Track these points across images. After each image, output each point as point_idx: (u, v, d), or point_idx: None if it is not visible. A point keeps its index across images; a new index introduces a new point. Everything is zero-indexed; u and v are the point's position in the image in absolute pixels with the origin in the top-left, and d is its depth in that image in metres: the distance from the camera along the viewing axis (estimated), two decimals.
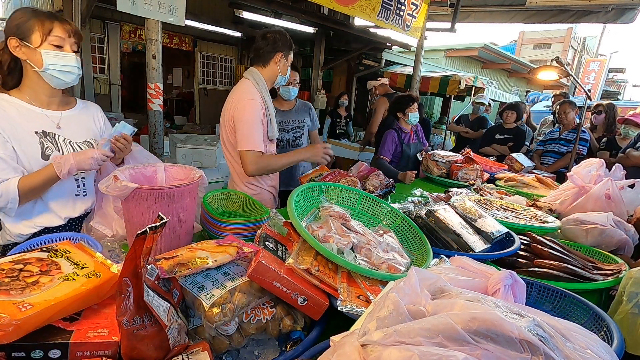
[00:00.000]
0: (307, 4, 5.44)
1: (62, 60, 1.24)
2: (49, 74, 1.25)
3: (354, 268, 0.97)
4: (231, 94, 1.92)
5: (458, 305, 0.54)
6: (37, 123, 1.30)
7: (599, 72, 15.66)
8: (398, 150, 3.08)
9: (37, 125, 1.30)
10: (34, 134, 1.28)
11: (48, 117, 1.33)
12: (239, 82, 1.95)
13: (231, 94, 1.91)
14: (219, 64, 8.24)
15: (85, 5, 3.72)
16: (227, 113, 1.88)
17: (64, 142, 1.35)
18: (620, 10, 4.20)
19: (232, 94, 1.91)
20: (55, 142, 1.32)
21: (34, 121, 1.29)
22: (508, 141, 4.30)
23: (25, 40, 1.20)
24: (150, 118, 2.78)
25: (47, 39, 1.21)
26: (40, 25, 1.20)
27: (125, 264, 0.66)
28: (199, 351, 0.74)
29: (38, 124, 1.30)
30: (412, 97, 3.13)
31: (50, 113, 1.34)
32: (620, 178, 2.07)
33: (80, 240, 1.18)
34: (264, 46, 1.88)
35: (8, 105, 1.26)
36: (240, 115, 1.80)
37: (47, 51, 1.22)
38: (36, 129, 1.29)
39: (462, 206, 1.57)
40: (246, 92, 1.85)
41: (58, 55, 1.23)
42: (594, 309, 0.94)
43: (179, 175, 1.38)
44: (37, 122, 1.30)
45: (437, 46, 11.53)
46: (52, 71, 1.24)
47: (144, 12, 2.44)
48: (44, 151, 1.29)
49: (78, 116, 1.43)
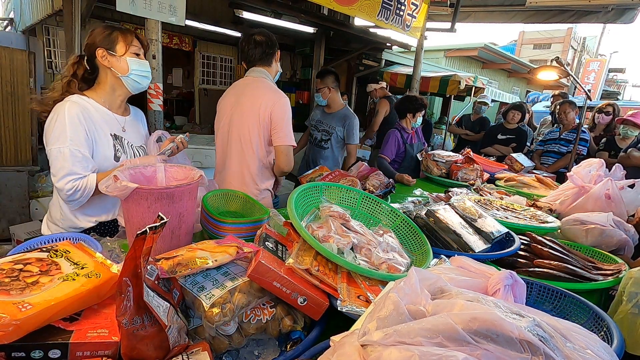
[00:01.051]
0: (307, 4, 5.44)
1: (142, 67, 1.42)
2: (132, 78, 1.40)
3: (354, 268, 0.97)
4: (256, 91, 1.91)
5: (458, 306, 0.54)
6: (111, 126, 1.42)
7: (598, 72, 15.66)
8: (401, 150, 3.09)
9: (111, 127, 1.42)
10: (109, 136, 1.40)
11: (117, 121, 1.46)
12: (252, 79, 1.96)
13: (257, 92, 1.91)
14: (219, 64, 8.24)
15: (85, 5, 3.71)
16: (261, 110, 1.88)
17: (128, 145, 1.47)
18: (620, 10, 4.20)
19: (257, 91, 1.91)
20: (122, 145, 1.45)
21: (109, 124, 1.42)
22: (510, 142, 4.28)
23: (112, 50, 1.36)
24: (150, 118, 2.77)
25: (129, 49, 1.38)
26: (124, 37, 1.38)
27: (125, 264, 0.66)
28: (199, 351, 0.74)
29: (112, 126, 1.42)
30: (424, 104, 3.18)
31: (118, 117, 1.47)
32: (620, 178, 2.07)
33: (80, 240, 1.18)
34: (266, 47, 1.93)
35: (90, 106, 1.38)
36: (282, 113, 1.88)
37: (131, 59, 1.38)
38: (111, 131, 1.42)
39: (462, 206, 1.57)
40: (278, 91, 1.93)
41: (138, 62, 1.41)
42: (594, 309, 0.94)
43: (179, 175, 1.38)
44: (111, 125, 1.42)
45: (437, 46, 11.54)
46: (135, 76, 1.40)
47: (144, 12, 2.44)
48: (116, 153, 1.41)
49: (134, 121, 1.56)
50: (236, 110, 1.96)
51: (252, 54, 1.95)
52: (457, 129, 5.61)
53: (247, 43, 1.95)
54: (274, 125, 1.89)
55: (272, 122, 1.89)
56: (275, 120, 1.88)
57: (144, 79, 1.45)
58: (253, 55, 1.95)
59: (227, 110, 2.01)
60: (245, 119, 1.92)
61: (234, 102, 1.98)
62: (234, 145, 1.98)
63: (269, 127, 1.90)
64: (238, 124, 1.95)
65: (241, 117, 1.93)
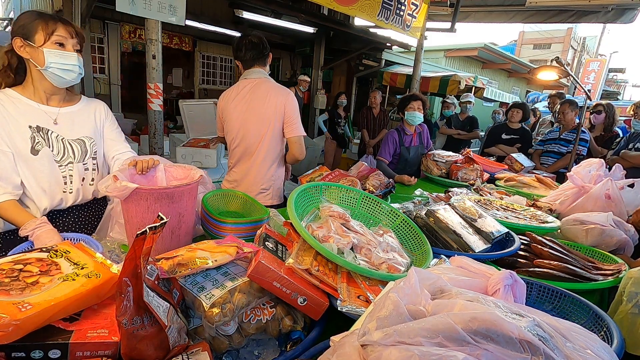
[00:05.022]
0: (307, 4, 5.44)
1: (63, 59, 1.27)
2: (51, 71, 1.27)
3: (354, 268, 0.97)
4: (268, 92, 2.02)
5: (458, 306, 0.54)
6: (33, 118, 1.32)
7: (598, 72, 15.66)
8: (397, 152, 3.05)
9: (32, 119, 1.31)
10: (27, 128, 1.30)
11: (45, 113, 1.35)
12: (259, 80, 2.05)
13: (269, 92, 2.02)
14: (218, 64, 8.25)
15: (85, 5, 3.72)
16: (277, 107, 2.02)
17: (57, 139, 1.36)
18: (620, 10, 4.20)
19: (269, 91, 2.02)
20: (46, 138, 1.33)
21: (30, 115, 1.31)
22: (514, 142, 4.25)
23: (29, 39, 1.24)
24: (150, 118, 2.78)
25: (50, 39, 1.24)
26: (44, 25, 1.24)
27: (125, 264, 0.66)
28: (199, 351, 0.74)
29: (34, 118, 1.32)
30: (411, 96, 3.05)
31: (49, 109, 1.36)
32: (620, 178, 2.07)
33: (80, 240, 1.18)
34: (262, 49, 2.04)
35: (7, 99, 1.29)
36: (294, 107, 2.06)
37: (49, 50, 1.24)
38: (30, 123, 1.31)
39: (462, 206, 1.57)
40: (284, 87, 2.11)
41: (60, 54, 1.26)
42: (594, 309, 0.94)
43: (179, 175, 1.38)
44: (33, 117, 1.32)
45: (437, 46, 11.54)
46: (53, 69, 1.26)
47: (144, 12, 2.44)
48: (34, 146, 1.31)
49: (77, 113, 1.44)
50: (251, 114, 2.04)
51: (249, 55, 2.03)
52: (448, 130, 5.57)
53: (244, 44, 2.02)
54: (287, 118, 2.04)
55: (286, 115, 2.04)
56: (288, 114, 2.04)
57: (67, 72, 1.29)
58: (251, 56, 2.03)
59: (239, 115, 2.06)
60: (264, 119, 2.03)
61: (245, 108, 2.05)
62: (255, 145, 2.08)
63: (283, 121, 2.06)
64: (256, 123, 2.05)
65: (259, 119, 2.03)
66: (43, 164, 1.32)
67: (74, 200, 1.44)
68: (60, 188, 1.39)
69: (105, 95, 6.46)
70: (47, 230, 1.19)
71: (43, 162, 1.32)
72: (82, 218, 1.50)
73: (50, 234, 1.19)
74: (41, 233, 1.17)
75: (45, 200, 1.37)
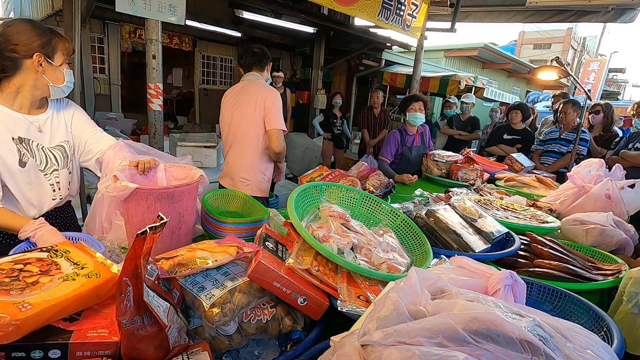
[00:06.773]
0: (307, 4, 5.44)
1: (72, 78, 1.34)
2: (61, 89, 1.32)
3: (354, 268, 0.97)
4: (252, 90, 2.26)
5: (458, 306, 0.54)
6: (15, 129, 1.28)
7: (599, 72, 15.63)
8: (399, 152, 3.06)
9: (15, 131, 1.28)
10: (10, 140, 1.26)
11: (30, 123, 1.32)
12: (249, 81, 2.31)
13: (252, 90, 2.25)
14: (219, 64, 8.24)
15: (85, 5, 3.72)
16: (257, 102, 2.21)
17: (37, 148, 1.33)
18: (620, 10, 4.20)
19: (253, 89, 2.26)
20: (29, 149, 1.31)
21: (13, 126, 1.28)
22: (516, 142, 4.26)
23: (50, 58, 1.26)
24: (150, 118, 2.77)
25: (66, 59, 1.30)
26: (63, 46, 1.29)
27: (125, 264, 0.66)
28: (199, 351, 0.74)
29: (16, 129, 1.28)
30: (412, 97, 3.04)
31: (32, 118, 1.33)
32: (620, 178, 2.07)
33: (81, 240, 1.18)
34: (262, 57, 2.32)
35: None
36: (273, 101, 2.22)
37: (67, 70, 1.31)
38: (13, 135, 1.27)
39: (462, 206, 1.57)
40: (270, 87, 2.30)
41: (70, 73, 1.33)
42: (594, 309, 0.94)
43: (179, 175, 1.39)
44: (16, 128, 1.28)
45: (437, 46, 11.53)
46: (65, 87, 1.33)
47: (144, 12, 2.44)
48: (21, 158, 1.28)
49: (53, 118, 1.41)
50: (237, 108, 2.29)
51: (249, 61, 2.32)
52: (450, 130, 5.56)
53: (246, 52, 2.34)
54: (267, 112, 2.21)
55: (265, 110, 2.21)
56: (267, 108, 2.21)
57: (69, 89, 1.35)
58: (251, 62, 2.32)
59: (229, 110, 2.34)
60: (246, 113, 2.25)
61: (234, 103, 2.31)
62: (238, 137, 2.30)
63: (264, 115, 2.22)
64: (238, 117, 2.28)
65: (242, 113, 2.26)
66: (30, 175, 1.31)
67: (57, 203, 1.44)
68: (49, 196, 1.39)
69: (105, 95, 6.46)
70: (49, 230, 1.19)
71: (30, 174, 1.31)
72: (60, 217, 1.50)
73: (53, 234, 1.18)
74: (44, 233, 1.17)
75: (32, 210, 1.36)
